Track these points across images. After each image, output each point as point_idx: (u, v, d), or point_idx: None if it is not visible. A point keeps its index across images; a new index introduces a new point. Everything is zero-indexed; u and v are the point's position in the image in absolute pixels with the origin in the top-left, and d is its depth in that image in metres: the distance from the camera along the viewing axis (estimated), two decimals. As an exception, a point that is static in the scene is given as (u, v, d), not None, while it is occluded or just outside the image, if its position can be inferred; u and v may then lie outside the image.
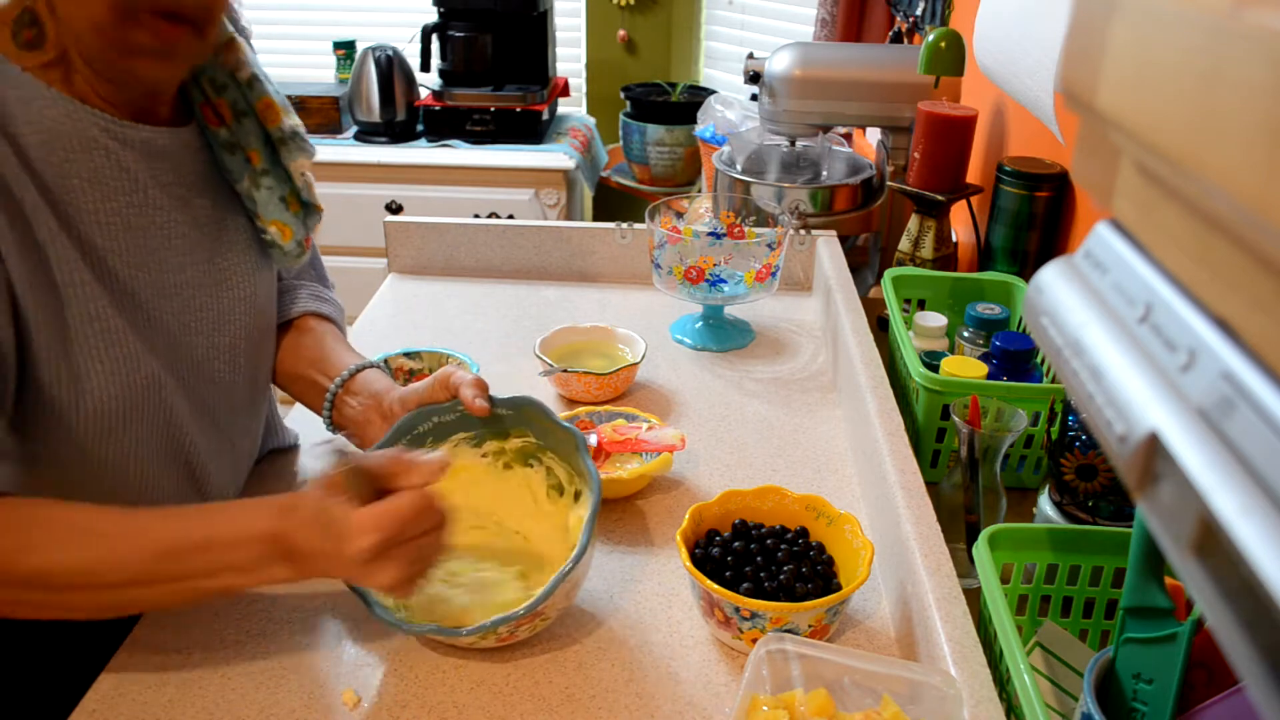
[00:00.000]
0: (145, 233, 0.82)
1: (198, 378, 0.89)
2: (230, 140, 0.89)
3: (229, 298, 0.91)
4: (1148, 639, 0.63)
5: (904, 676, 0.70)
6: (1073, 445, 0.90)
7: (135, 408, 0.82)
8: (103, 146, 0.79)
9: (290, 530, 0.71)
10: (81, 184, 0.77)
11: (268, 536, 0.71)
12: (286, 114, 0.91)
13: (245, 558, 0.71)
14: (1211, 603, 0.27)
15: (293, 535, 0.70)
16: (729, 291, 1.29)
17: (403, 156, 2.62)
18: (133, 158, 0.81)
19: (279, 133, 0.91)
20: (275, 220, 0.92)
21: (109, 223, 0.79)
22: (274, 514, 0.72)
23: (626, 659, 0.81)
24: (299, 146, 0.91)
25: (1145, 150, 0.33)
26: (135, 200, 0.81)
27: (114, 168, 0.80)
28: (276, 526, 0.71)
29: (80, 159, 0.77)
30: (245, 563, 0.71)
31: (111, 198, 0.80)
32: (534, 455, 0.90)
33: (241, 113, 0.90)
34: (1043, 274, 0.41)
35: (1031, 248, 1.27)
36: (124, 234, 0.81)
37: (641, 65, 3.09)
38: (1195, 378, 0.29)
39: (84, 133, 0.77)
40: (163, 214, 0.84)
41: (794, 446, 1.12)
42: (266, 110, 0.90)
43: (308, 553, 0.70)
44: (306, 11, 3.09)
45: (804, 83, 1.56)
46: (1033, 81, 1.14)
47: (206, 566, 0.71)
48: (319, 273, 1.12)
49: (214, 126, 0.89)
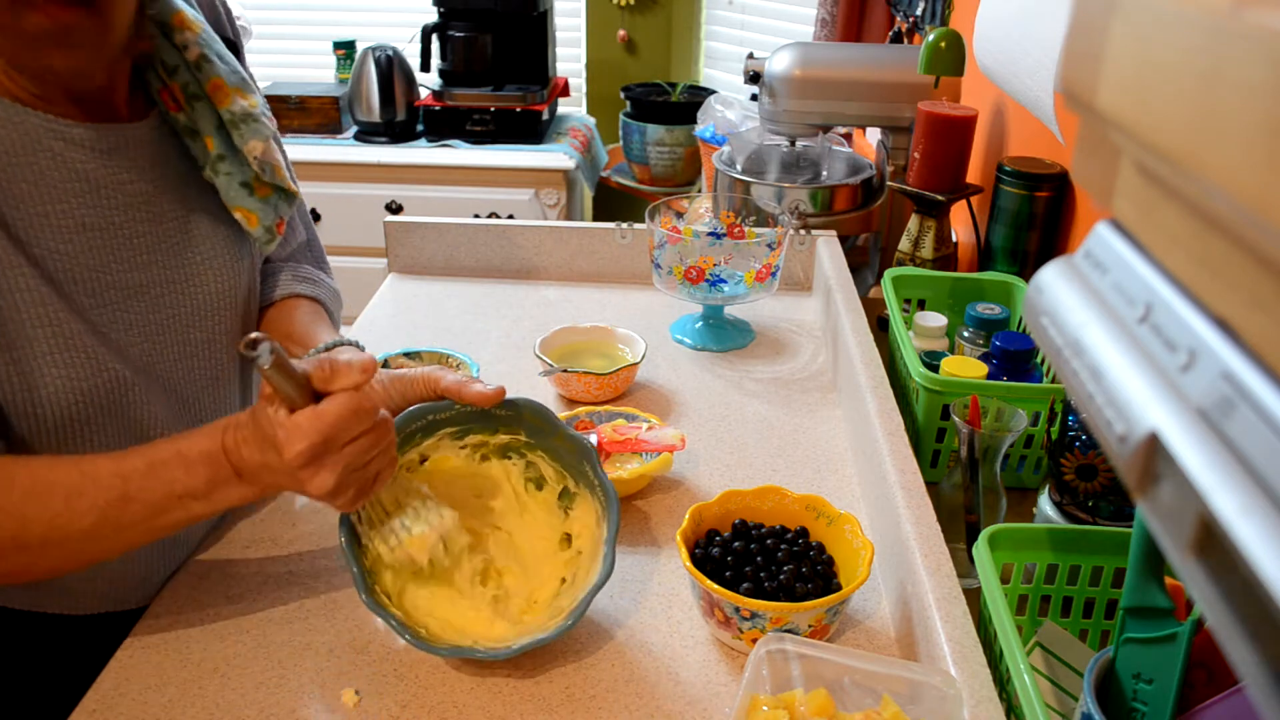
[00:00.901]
0: (103, 233, 0.81)
1: (176, 376, 0.88)
2: (189, 125, 0.87)
3: (203, 293, 0.89)
4: (1148, 639, 0.63)
5: (904, 676, 0.70)
6: (1073, 445, 0.90)
7: (99, 410, 0.80)
8: (48, 148, 0.77)
9: (232, 445, 0.71)
10: (28, 188, 0.76)
11: (212, 455, 0.71)
12: (242, 94, 0.88)
13: (197, 481, 0.71)
14: (1211, 603, 0.27)
15: (236, 450, 0.71)
16: (729, 291, 1.29)
17: (403, 156, 2.62)
18: (82, 157, 0.79)
19: (229, 114, 0.87)
20: (239, 207, 0.90)
21: (60, 225, 0.78)
22: (215, 431, 0.72)
23: (626, 659, 0.81)
24: (251, 129, 0.88)
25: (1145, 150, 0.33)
26: (88, 201, 0.80)
27: (61, 170, 0.78)
28: (218, 442, 0.71)
29: (24, 162, 0.76)
30: (199, 487, 0.71)
31: (61, 200, 0.78)
32: (516, 450, 0.89)
33: (194, 95, 0.87)
34: (1043, 274, 0.41)
35: (1031, 248, 1.27)
36: (79, 235, 0.79)
37: (641, 65, 3.09)
38: (1195, 378, 0.29)
39: (26, 135, 0.76)
40: (121, 213, 0.82)
41: (794, 446, 1.12)
42: (215, 91, 0.87)
43: (252, 466, 0.71)
44: (306, 11, 3.09)
45: (804, 83, 1.56)
46: (1033, 81, 1.14)
47: (163, 497, 0.71)
48: (316, 255, 1.10)
49: (174, 112, 0.87)
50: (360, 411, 0.71)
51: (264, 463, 0.70)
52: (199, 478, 0.71)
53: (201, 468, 0.71)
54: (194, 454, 0.72)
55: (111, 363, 0.80)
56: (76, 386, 0.78)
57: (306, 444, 0.68)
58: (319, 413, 0.69)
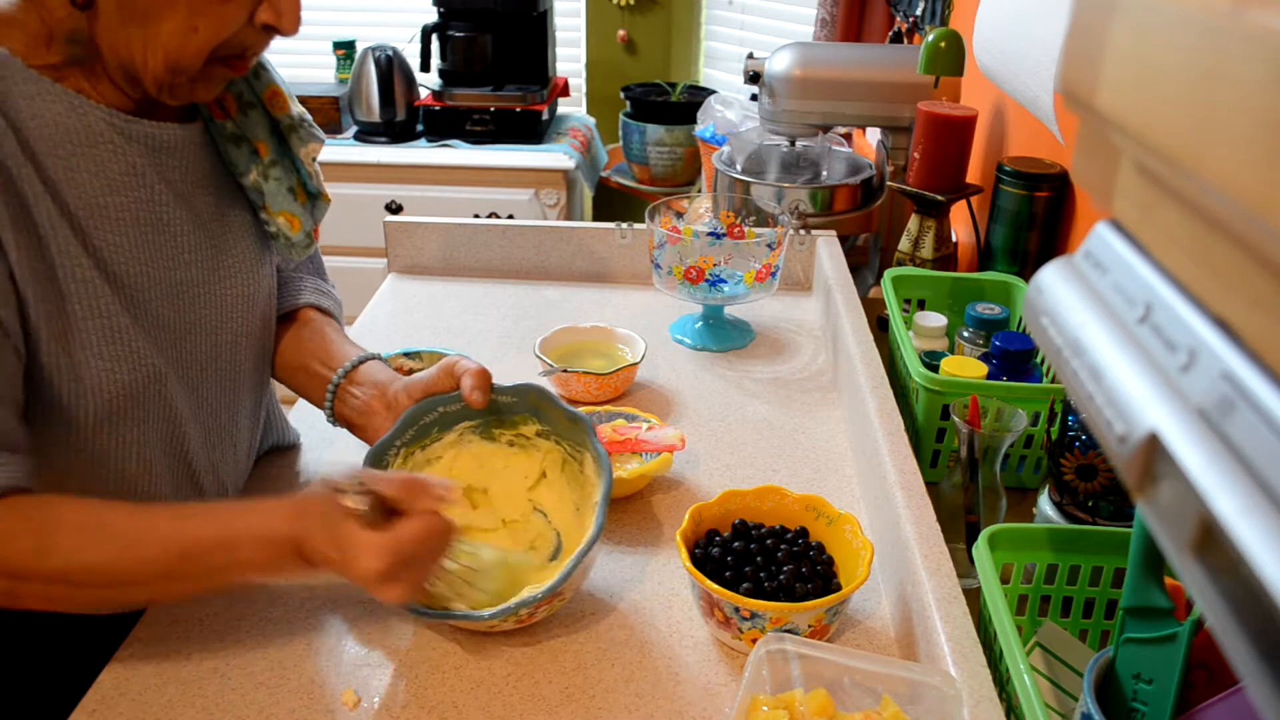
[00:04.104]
0: (152, 229, 0.83)
1: (200, 375, 0.89)
2: (236, 133, 0.90)
3: (231, 294, 0.91)
4: (1148, 639, 0.63)
5: (904, 676, 0.70)
6: (1073, 445, 0.90)
7: (137, 404, 0.82)
8: (109, 142, 0.79)
9: (304, 535, 0.72)
10: (88, 179, 0.78)
11: (284, 540, 0.72)
12: (292, 101, 0.92)
13: (263, 558, 0.72)
14: (1211, 603, 0.27)
15: (307, 541, 0.72)
16: (729, 291, 1.29)
17: (403, 156, 2.62)
18: (139, 153, 0.81)
19: (288, 119, 0.91)
20: (284, 212, 0.93)
21: (117, 218, 0.80)
22: (289, 517, 0.73)
23: (626, 659, 0.81)
24: (309, 133, 0.92)
25: (1145, 150, 0.33)
26: (141, 196, 0.82)
27: (120, 163, 0.80)
28: (292, 530, 0.72)
29: (86, 154, 0.78)
30: (263, 562, 0.73)
31: (118, 193, 0.80)
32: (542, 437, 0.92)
33: (248, 104, 0.90)
34: (1042, 274, 0.41)
35: (1031, 248, 1.27)
36: (131, 230, 0.81)
37: (641, 65, 3.09)
38: (1195, 378, 0.29)
39: (90, 128, 0.78)
40: (168, 210, 0.84)
41: (794, 446, 1.12)
42: (274, 98, 0.91)
43: (319, 559, 0.72)
44: (306, 11, 3.03)
45: (804, 83, 1.56)
46: (1033, 81, 1.14)
47: (225, 564, 0.72)
48: (317, 266, 1.12)
49: (219, 119, 0.89)
50: (435, 534, 0.73)
51: (331, 560, 0.72)
52: (266, 555, 0.72)
53: (273, 547, 0.72)
54: (270, 534, 0.72)
55: (151, 358, 0.82)
56: (118, 380, 0.79)
57: (382, 565, 0.70)
58: (397, 538, 0.71)
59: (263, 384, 1.02)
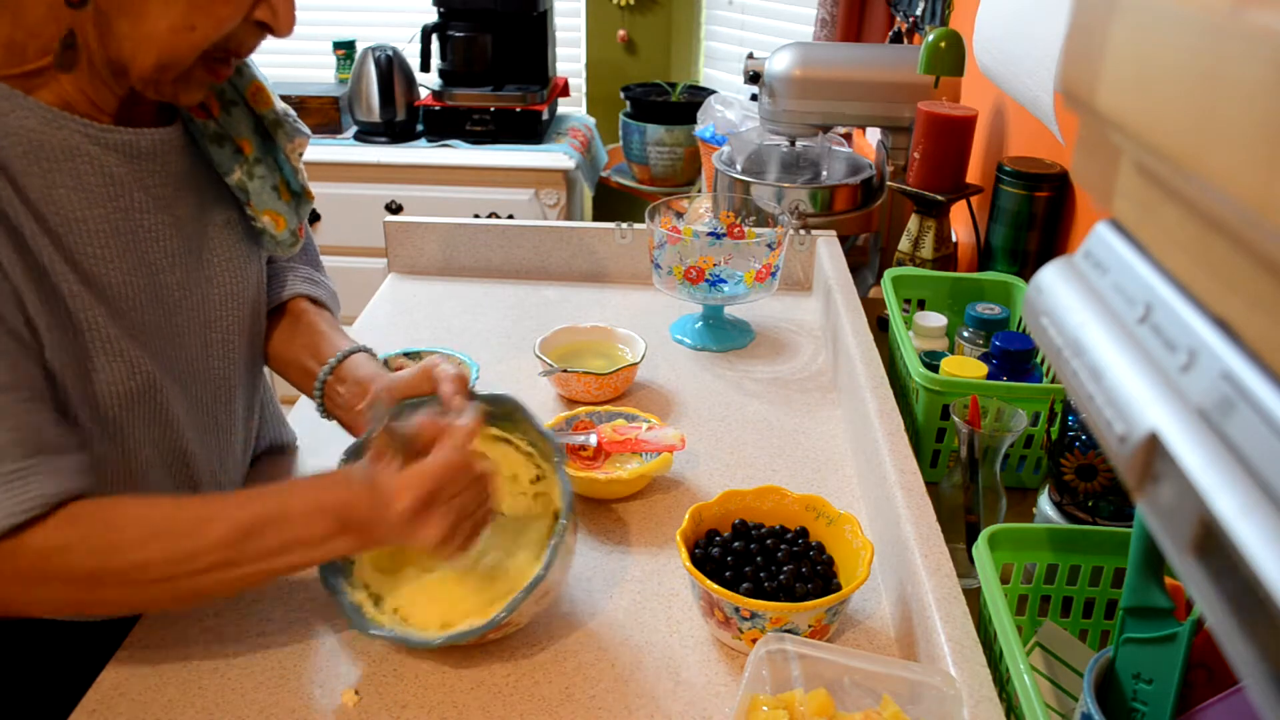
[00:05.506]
0: (132, 237, 0.82)
1: (192, 377, 0.89)
2: (218, 132, 0.89)
3: (218, 295, 0.91)
4: (1148, 639, 0.63)
5: (904, 676, 0.70)
6: (1073, 445, 0.90)
7: (132, 412, 0.82)
8: (85, 153, 0.78)
9: (350, 500, 0.74)
10: (66, 193, 0.77)
11: (336, 507, 0.74)
12: (275, 97, 0.91)
13: (316, 531, 0.74)
14: (1211, 603, 0.27)
15: (353, 505, 0.73)
16: (729, 291, 1.29)
17: (402, 156, 2.62)
18: (115, 161, 0.80)
19: (272, 115, 0.90)
20: (269, 210, 0.92)
21: (97, 230, 0.79)
22: (336, 485, 0.75)
23: (626, 659, 0.81)
24: (294, 128, 0.92)
25: (1145, 150, 0.33)
26: (120, 205, 0.81)
27: (97, 174, 0.79)
28: (341, 496, 0.74)
29: (63, 168, 0.77)
30: (315, 536, 0.74)
31: (97, 204, 0.79)
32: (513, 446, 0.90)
33: (230, 101, 0.89)
34: (1042, 274, 0.41)
35: (1031, 248, 1.27)
36: (112, 240, 0.80)
37: (641, 65, 3.09)
38: (1195, 378, 0.29)
39: (65, 141, 0.77)
40: (148, 217, 0.83)
41: (794, 446, 1.12)
42: (257, 94, 0.90)
43: (363, 522, 0.73)
44: (306, 11, 3.06)
45: (804, 83, 1.56)
46: (1033, 81, 1.14)
47: (281, 543, 0.73)
48: (311, 256, 1.11)
49: (200, 119, 0.88)
50: (464, 465, 0.74)
51: (372, 518, 0.73)
52: (319, 528, 0.74)
53: (325, 518, 0.74)
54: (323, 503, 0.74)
55: (145, 365, 0.82)
56: (117, 389, 0.80)
57: (414, 497, 0.72)
58: (422, 470, 0.73)
59: (257, 378, 1.01)
